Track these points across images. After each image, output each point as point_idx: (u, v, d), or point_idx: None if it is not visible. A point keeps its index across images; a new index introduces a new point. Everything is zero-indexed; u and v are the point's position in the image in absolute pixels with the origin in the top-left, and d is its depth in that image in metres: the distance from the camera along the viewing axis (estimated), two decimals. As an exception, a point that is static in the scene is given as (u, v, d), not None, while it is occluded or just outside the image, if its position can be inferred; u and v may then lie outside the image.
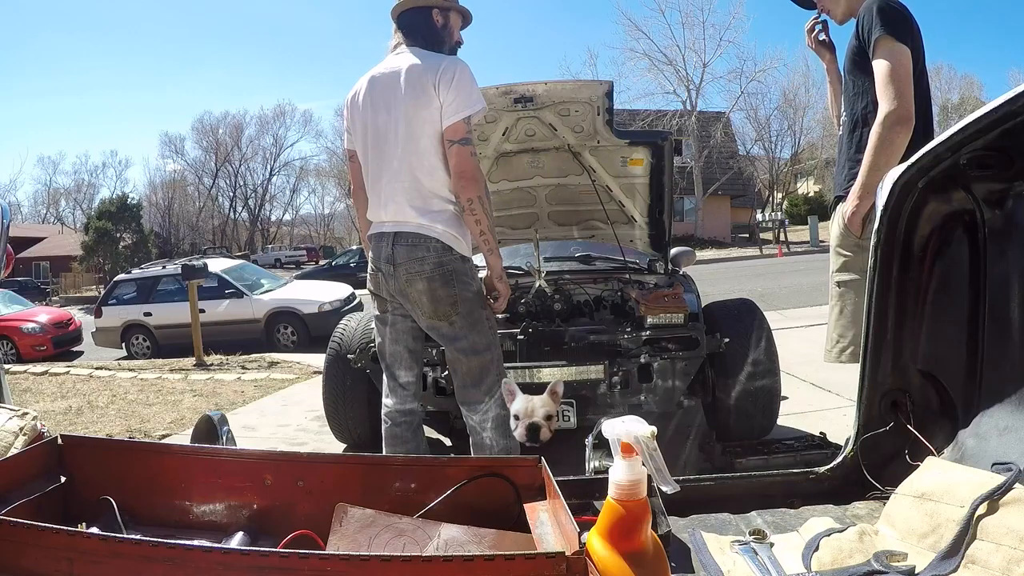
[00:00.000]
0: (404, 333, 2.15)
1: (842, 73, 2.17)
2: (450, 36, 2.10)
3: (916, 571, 1.04)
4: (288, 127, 44.71)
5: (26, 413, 1.47)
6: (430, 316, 2.04)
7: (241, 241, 42.81)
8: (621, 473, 0.80)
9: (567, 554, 0.81)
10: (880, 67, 1.90)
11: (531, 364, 2.79)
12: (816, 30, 2.32)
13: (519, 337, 2.92)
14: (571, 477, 1.20)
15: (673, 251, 3.92)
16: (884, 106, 1.88)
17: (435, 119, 1.95)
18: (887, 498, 1.26)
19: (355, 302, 9.57)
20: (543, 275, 3.27)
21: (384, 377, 2.22)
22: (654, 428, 0.83)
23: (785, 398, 3.28)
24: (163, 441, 3.57)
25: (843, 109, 2.19)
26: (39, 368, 7.08)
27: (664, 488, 0.87)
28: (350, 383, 3.15)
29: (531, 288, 3.25)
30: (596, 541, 0.80)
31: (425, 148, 1.98)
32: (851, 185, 2.00)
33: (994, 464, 1.16)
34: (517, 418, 1.82)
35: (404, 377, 2.17)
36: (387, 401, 2.20)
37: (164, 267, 10.36)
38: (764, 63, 30.69)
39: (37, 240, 34.96)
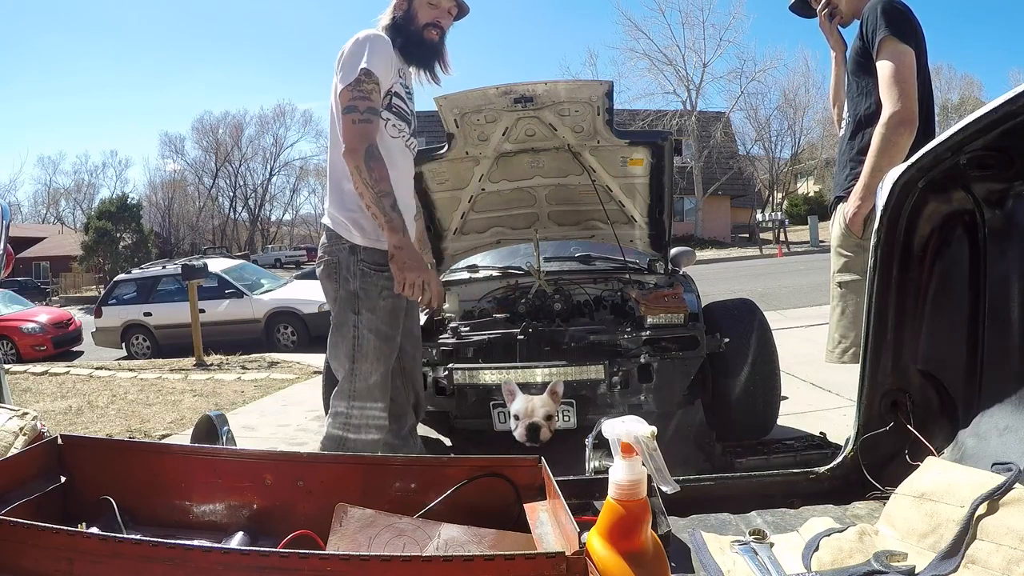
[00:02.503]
0: None
1: (846, 70, 2.17)
2: (411, 21, 2.01)
3: (916, 571, 1.04)
4: (288, 127, 44.88)
5: (26, 413, 1.47)
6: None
7: (241, 241, 42.80)
8: (621, 473, 0.80)
9: (567, 554, 0.81)
10: (884, 68, 1.90)
11: (531, 364, 2.79)
12: (826, 11, 2.27)
13: (519, 337, 2.92)
14: (571, 477, 1.20)
15: (673, 251, 3.92)
16: (888, 107, 1.88)
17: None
18: (887, 498, 1.26)
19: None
20: (543, 275, 3.27)
21: None
22: (654, 428, 0.83)
23: (785, 398, 3.28)
24: (163, 441, 3.57)
25: (846, 109, 2.18)
26: (39, 368, 7.08)
27: (664, 488, 0.87)
28: (350, 383, 3.14)
29: (531, 288, 3.25)
30: (596, 541, 0.80)
31: (334, 128, 1.90)
32: (852, 185, 2.00)
33: (994, 464, 1.16)
34: (517, 418, 1.82)
35: None
36: None
37: (164, 267, 10.37)
38: (764, 63, 30.77)
39: (37, 240, 34.95)
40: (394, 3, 2.03)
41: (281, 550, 0.92)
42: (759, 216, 28.28)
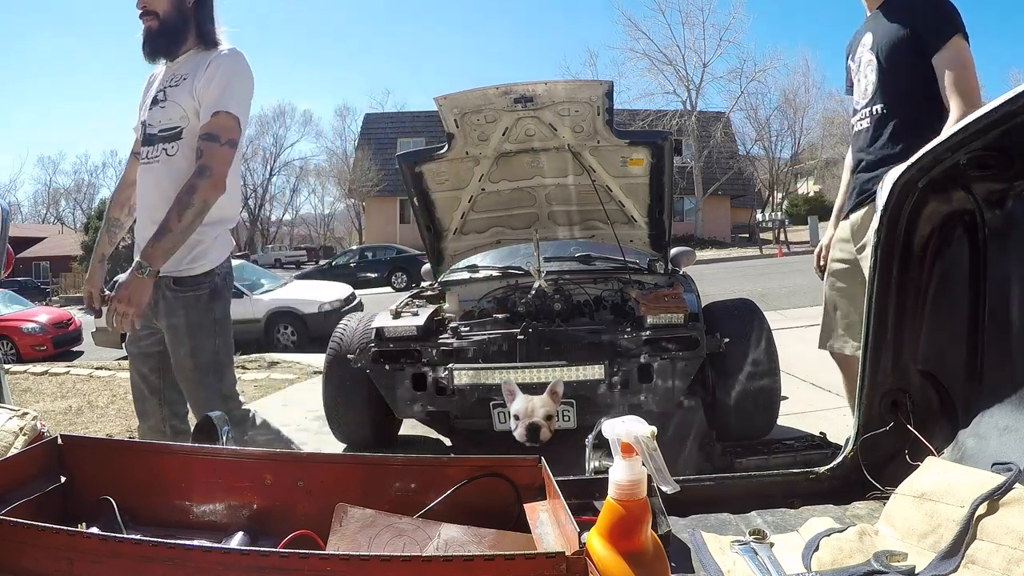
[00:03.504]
0: None
1: (875, 56, 2.08)
2: None
3: (916, 571, 1.04)
4: (288, 127, 44.34)
5: (26, 413, 1.46)
6: None
7: (241, 241, 42.71)
8: (621, 473, 0.80)
9: (567, 554, 0.81)
10: (954, 67, 1.89)
11: (531, 364, 2.79)
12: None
13: (519, 337, 2.92)
14: (571, 477, 1.20)
15: (673, 251, 3.92)
16: (959, 109, 1.86)
17: None
18: (887, 498, 1.26)
19: (355, 302, 9.57)
20: (543, 275, 3.27)
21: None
22: (654, 428, 0.83)
23: (785, 398, 3.28)
24: (163, 441, 3.57)
25: (871, 95, 2.11)
26: (39, 368, 7.07)
27: (664, 488, 0.87)
28: (350, 383, 3.15)
29: (531, 288, 3.25)
30: (596, 541, 0.80)
31: None
32: None
33: (994, 464, 1.16)
34: (517, 418, 1.82)
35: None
36: None
37: (164, 267, 10.35)
38: (764, 63, 30.60)
39: (37, 240, 34.99)
40: None
41: (281, 550, 0.92)
42: (759, 216, 28.31)
